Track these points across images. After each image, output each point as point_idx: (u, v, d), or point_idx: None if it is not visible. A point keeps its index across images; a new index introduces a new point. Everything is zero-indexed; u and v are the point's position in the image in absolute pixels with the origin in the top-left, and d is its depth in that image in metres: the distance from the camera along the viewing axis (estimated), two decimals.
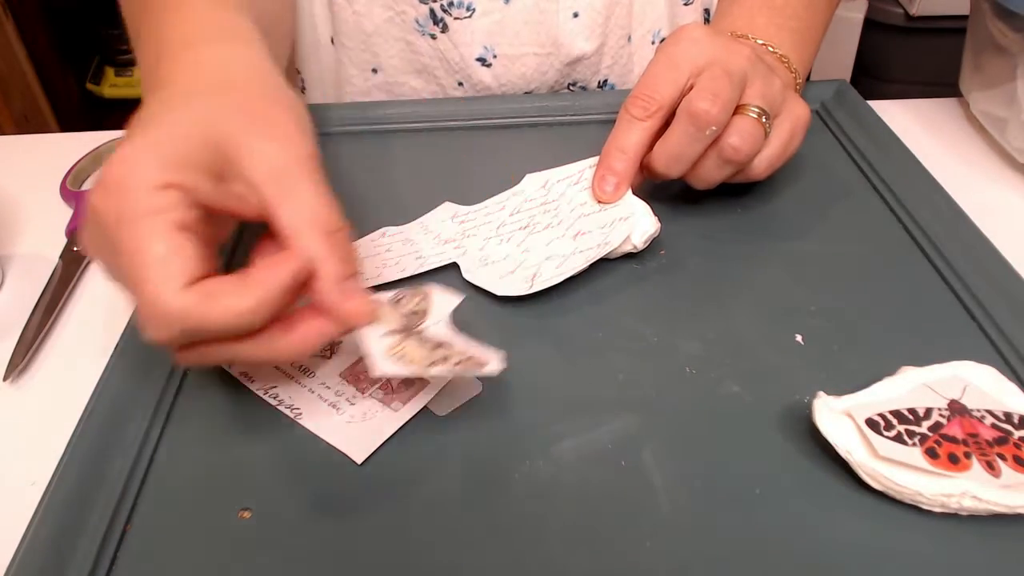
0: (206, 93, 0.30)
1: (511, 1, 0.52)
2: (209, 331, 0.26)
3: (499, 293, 0.37)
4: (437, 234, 0.41)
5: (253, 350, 0.27)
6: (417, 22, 0.53)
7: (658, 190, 0.42)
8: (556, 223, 0.40)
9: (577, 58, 0.55)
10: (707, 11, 0.60)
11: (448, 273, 0.39)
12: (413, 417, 0.32)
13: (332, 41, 0.57)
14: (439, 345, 0.30)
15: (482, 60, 0.54)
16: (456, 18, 0.53)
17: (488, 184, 0.44)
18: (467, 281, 0.38)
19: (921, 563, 0.27)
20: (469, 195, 0.43)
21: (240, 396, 0.33)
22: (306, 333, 0.28)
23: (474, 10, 0.52)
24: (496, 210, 0.42)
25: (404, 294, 0.32)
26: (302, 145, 0.29)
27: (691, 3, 0.57)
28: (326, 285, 0.28)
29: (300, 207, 0.28)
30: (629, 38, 0.56)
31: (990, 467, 0.28)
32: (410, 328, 0.30)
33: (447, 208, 0.43)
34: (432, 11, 0.53)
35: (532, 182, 0.43)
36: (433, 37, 0.54)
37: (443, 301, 0.32)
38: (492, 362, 0.29)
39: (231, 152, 0.28)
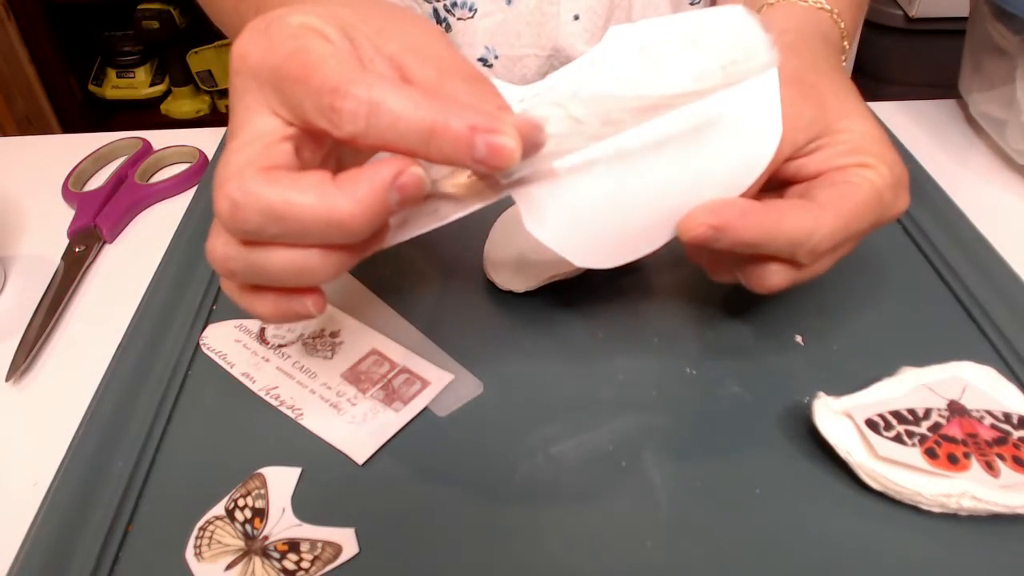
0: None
1: (513, 2, 0.53)
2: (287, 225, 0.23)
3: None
4: None
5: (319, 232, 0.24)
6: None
7: None
8: (666, 140, 0.28)
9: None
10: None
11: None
12: (414, 418, 0.32)
13: None
14: (288, 550, 0.28)
15: (483, 60, 0.54)
16: (459, 18, 0.53)
17: None
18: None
19: (921, 563, 0.27)
20: None
21: (241, 396, 0.34)
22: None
23: (476, 10, 0.52)
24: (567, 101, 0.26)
25: (236, 494, 0.29)
26: (282, 42, 0.25)
27: (697, 3, 0.57)
28: (474, 115, 0.23)
29: (437, 63, 0.25)
30: None
31: (989, 467, 0.28)
32: (251, 546, 0.28)
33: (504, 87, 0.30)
34: (436, 11, 0.53)
35: (620, 44, 0.30)
36: None
37: (280, 479, 0.30)
38: (347, 545, 0.28)
39: (276, 99, 0.25)
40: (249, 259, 0.25)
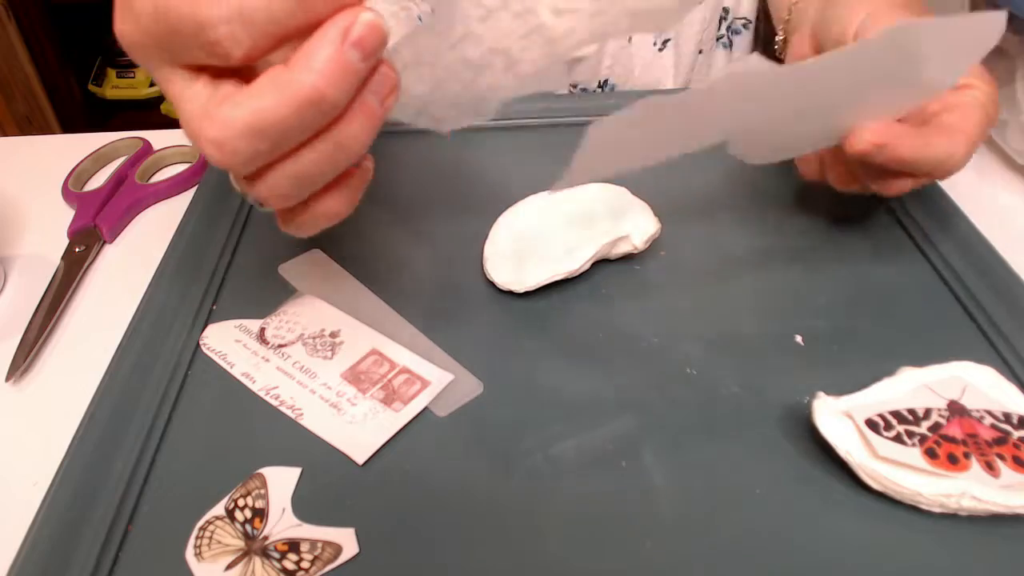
0: None
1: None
2: (269, 105, 0.23)
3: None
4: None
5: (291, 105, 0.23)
6: (420, 20, 0.54)
7: (658, 190, 0.42)
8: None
9: (577, 58, 0.55)
10: (725, 10, 0.60)
11: None
12: (414, 418, 0.32)
13: None
14: (288, 550, 0.28)
15: None
16: None
17: (490, 186, 0.44)
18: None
19: (921, 563, 0.27)
20: (469, 197, 0.43)
21: (241, 396, 0.34)
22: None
23: None
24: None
25: (236, 494, 0.29)
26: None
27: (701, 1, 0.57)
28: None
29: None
30: (630, 39, 0.57)
31: (989, 467, 0.28)
32: (251, 546, 0.28)
33: None
34: (434, 9, 0.53)
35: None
36: None
37: (280, 479, 0.30)
38: (347, 545, 0.28)
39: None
40: (286, 178, 0.25)
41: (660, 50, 0.58)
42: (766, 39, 0.62)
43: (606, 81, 0.58)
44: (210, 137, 0.23)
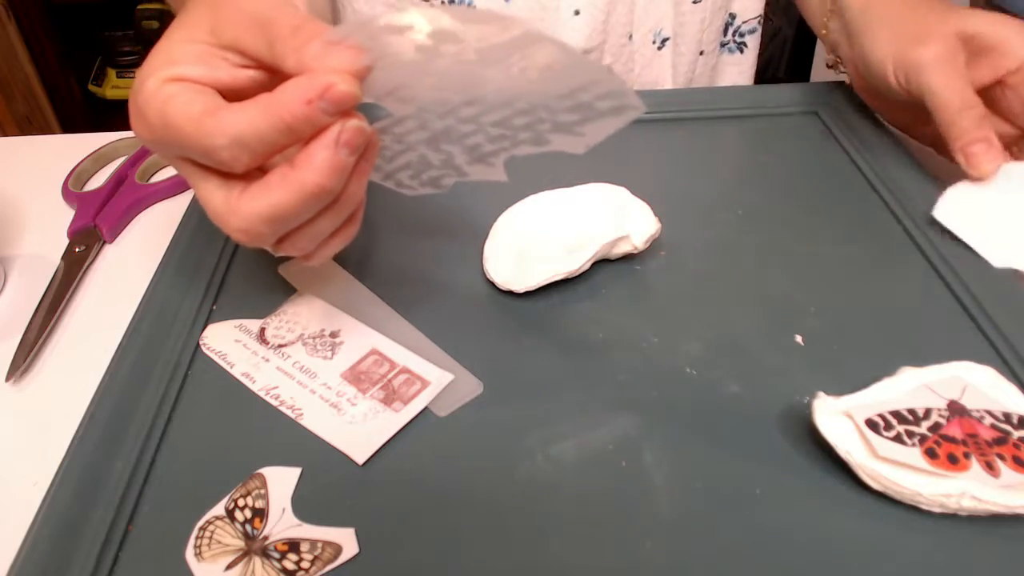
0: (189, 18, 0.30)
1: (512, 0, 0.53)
2: (257, 133, 0.26)
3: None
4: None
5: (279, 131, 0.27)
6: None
7: (658, 190, 0.42)
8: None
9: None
10: (732, 15, 0.60)
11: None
12: (414, 418, 0.32)
13: None
14: (288, 550, 0.28)
15: None
16: None
17: (489, 185, 0.44)
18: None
19: (921, 563, 0.27)
20: (470, 197, 0.43)
21: (241, 396, 0.34)
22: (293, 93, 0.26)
23: (474, 7, 0.52)
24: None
25: (236, 494, 0.29)
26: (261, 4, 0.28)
27: (699, 1, 0.57)
28: (308, 60, 0.27)
29: (277, 29, 0.28)
30: (630, 37, 0.57)
31: (989, 467, 0.28)
32: (251, 546, 0.28)
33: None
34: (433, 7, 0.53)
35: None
36: None
37: (280, 479, 0.30)
38: (347, 545, 0.28)
39: (211, 39, 0.29)
40: (304, 239, 0.30)
41: (659, 48, 0.58)
42: (772, 34, 0.62)
43: None
44: (237, 227, 0.28)
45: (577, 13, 0.53)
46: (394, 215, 0.43)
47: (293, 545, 0.28)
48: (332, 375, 0.34)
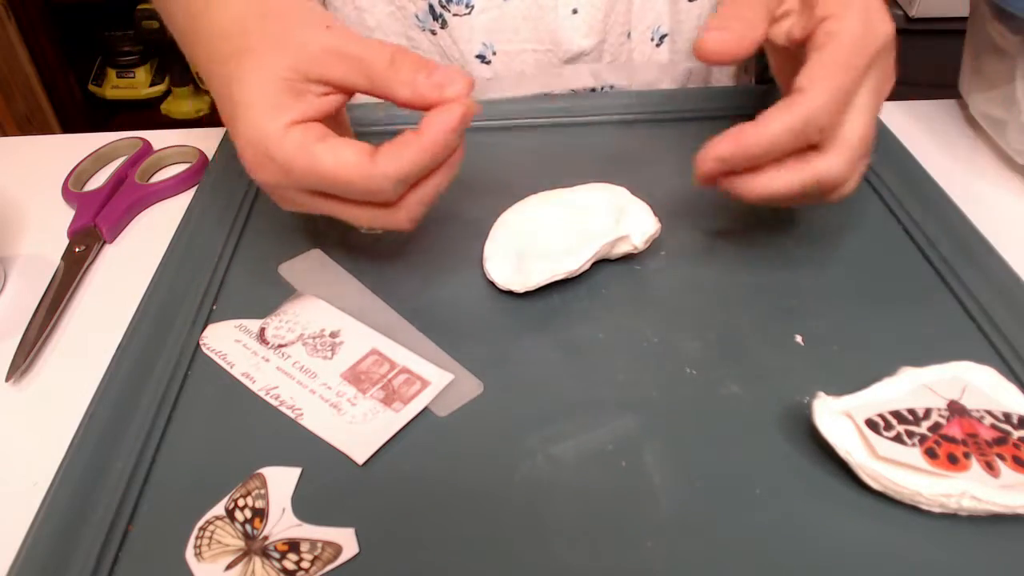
0: (251, 51, 0.33)
1: None
2: (419, 166, 0.32)
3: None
4: None
5: (429, 156, 0.32)
6: (417, 17, 0.54)
7: (658, 190, 0.42)
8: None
9: (576, 55, 0.55)
10: None
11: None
12: (414, 417, 0.32)
13: None
14: (288, 550, 0.28)
15: (481, 57, 0.54)
16: (455, 14, 0.53)
17: (489, 185, 0.44)
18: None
19: (921, 563, 0.27)
20: (468, 196, 0.43)
21: (241, 396, 0.34)
22: (432, 129, 0.32)
23: (473, 7, 0.52)
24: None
25: (236, 494, 0.30)
26: (317, 32, 0.32)
27: None
28: (422, 92, 0.32)
29: (358, 60, 0.32)
30: (629, 35, 0.57)
31: (989, 467, 0.28)
32: (251, 546, 0.28)
33: None
34: (431, 6, 0.53)
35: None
36: (433, 33, 0.54)
37: (280, 479, 0.30)
38: (347, 545, 0.28)
39: (293, 75, 0.32)
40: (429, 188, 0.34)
41: (657, 46, 0.58)
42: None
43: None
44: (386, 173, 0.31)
45: (575, 12, 0.53)
46: None
47: (293, 545, 0.28)
48: (332, 375, 0.34)
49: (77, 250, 0.43)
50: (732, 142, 0.33)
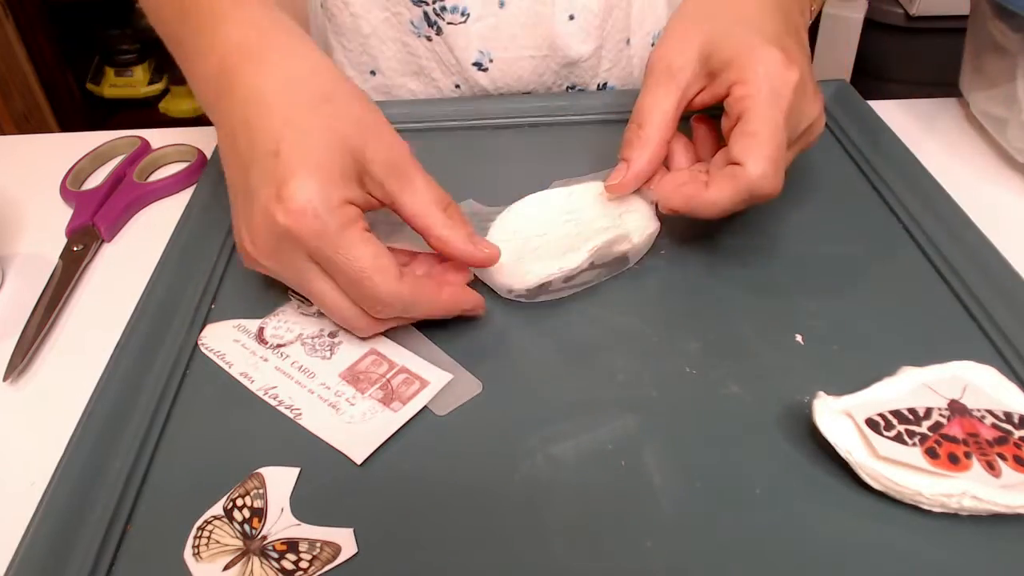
0: (316, 112, 0.33)
1: (506, 5, 0.52)
2: (414, 309, 0.33)
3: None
4: None
5: (427, 312, 0.34)
6: (412, 24, 0.53)
7: None
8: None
9: (574, 60, 0.55)
10: None
11: None
12: (413, 417, 0.32)
13: (327, 43, 0.57)
14: (287, 550, 0.28)
15: (478, 64, 0.54)
16: (450, 23, 0.52)
17: (488, 184, 0.44)
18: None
19: (921, 563, 0.27)
20: (469, 195, 0.43)
21: (240, 396, 0.33)
22: (452, 291, 0.35)
23: (468, 15, 0.52)
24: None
25: (235, 494, 0.29)
26: (397, 139, 0.34)
27: None
28: (461, 246, 0.34)
29: (419, 192, 0.34)
30: (628, 41, 0.56)
31: (990, 467, 0.28)
32: (249, 546, 0.28)
33: (468, 204, 0.43)
34: (426, 13, 0.52)
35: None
36: (429, 39, 0.54)
37: (279, 479, 0.30)
38: (346, 545, 0.28)
39: (360, 159, 0.32)
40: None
41: None
42: None
43: (604, 83, 0.58)
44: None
45: (572, 18, 0.53)
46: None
47: (292, 545, 0.28)
48: (331, 375, 0.34)
49: (75, 249, 0.43)
50: (684, 203, 0.36)
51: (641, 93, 0.39)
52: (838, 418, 0.30)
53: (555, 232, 0.39)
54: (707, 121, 0.40)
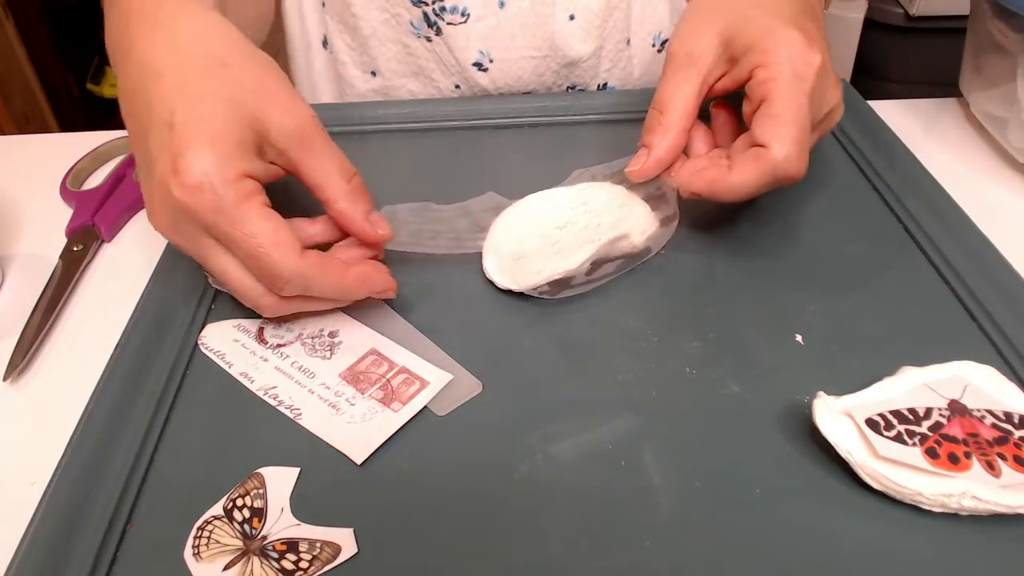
0: (211, 78, 0.32)
1: (506, 5, 0.52)
2: (317, 286, 0.32)
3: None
4: (477, 220, 0.41)
5: (333, 291, 0.33)
6: (412, 24, 0.53)
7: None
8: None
9: (574, 60, 0.55)
10: None
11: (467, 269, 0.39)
12: (413, 417, 0.32)
13: (325, 43, 0.57)
14: (287, 550, 0.28)
15: (478, 65, 0.54)
16: (450, 23, 0.52)
17: (488, 185, 0.44)
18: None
19: (921, 563, 0.27)
20: (468, 196, 0.43)
21: (240, 396, 0.33)
22: (360, 270, 0.34)
23: (469, 15, 0.52)
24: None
25: (235, 494, 0.29)
26: (300, 104, 0.33)
27: None
28: (359, 223, 0.34)
29: (323, 162, 0.33)
30: (628, 41, 0.56)
31: (990, 467, 0.28)
32: (249, 546, 0.28)
33: (489, 197, 0.42)
34: (425, 14, 0.52)
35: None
36: (428, 40, 0.54)
37: (279, 479, 0.30)
38: (346, 545, 0.28)
39: (260, 128, 0.32)
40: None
41: (659, 51, 0.58)
42: None
43: (604, 84, 0.58)
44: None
45: (572, 18, 0.53)
46: None
47: (292, 545, 0.28)
48: (331, 375, 0.34)
49: (75, 249, 0.43)
50: (707, 187, 0.36)
51: (661, 81, 0.39)
52: (838, 418, 0.30)
53: (556, 233, 0.39)
54: (726, 107, 0.40)
